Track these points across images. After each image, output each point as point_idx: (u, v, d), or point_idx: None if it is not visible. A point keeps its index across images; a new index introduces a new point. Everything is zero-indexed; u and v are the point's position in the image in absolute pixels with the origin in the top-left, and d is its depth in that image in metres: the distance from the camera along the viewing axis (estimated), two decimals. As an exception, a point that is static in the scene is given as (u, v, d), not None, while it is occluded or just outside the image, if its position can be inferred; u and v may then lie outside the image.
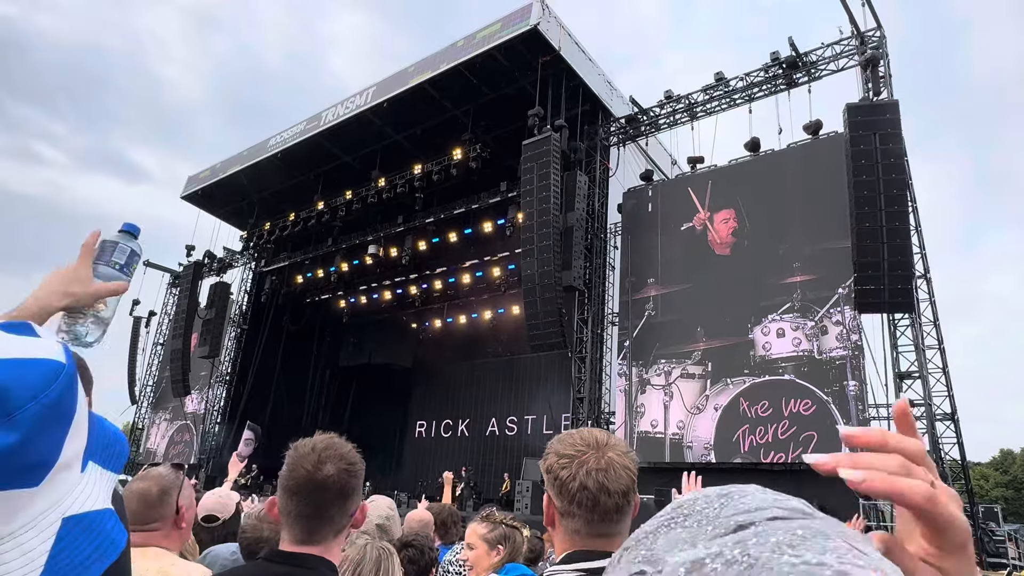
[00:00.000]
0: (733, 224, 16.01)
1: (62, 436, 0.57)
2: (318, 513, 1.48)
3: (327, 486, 1.48)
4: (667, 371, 15.80)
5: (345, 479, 1.51)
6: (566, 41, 17.10)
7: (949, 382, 13.46)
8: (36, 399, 0.54)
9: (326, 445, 1.55)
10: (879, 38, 14.86)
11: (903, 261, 12.29)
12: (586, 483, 1.28)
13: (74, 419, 0.59)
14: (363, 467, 1.59)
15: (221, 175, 24.92)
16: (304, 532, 1.48)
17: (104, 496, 0.61)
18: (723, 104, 17.20)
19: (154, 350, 28.79)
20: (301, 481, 1.48)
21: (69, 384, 0.58)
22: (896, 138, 12.66)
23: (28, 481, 0.54)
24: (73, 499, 0.58)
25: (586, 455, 1.32)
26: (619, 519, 1.30)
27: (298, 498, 1.48)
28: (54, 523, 0.55)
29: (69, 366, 0.59)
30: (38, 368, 0.56)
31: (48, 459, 0.55)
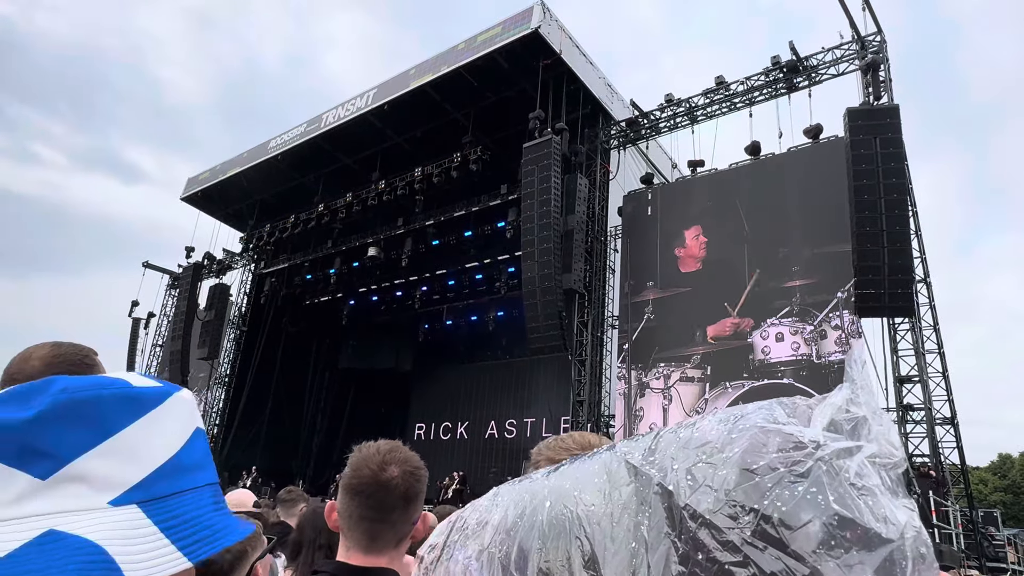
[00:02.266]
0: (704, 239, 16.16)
1: (85, 442, 0.54)
2: (380, 516, 1.44)
3: (391, 487, 1.44)
4: (666, 374, 15.81)
5: (410, 482, 1.47)
6: (567, 44, 17.12)
7: (949, 386, 13.46)
8: (67, 391, 0.54)
9: (390, 448, 1.52)
10: (879, 42, 14.89)
11: (903, 265, 12.30)
12: None
13: (116, 438, 0.56)
14: (427, 474, 1.55)
15: (221, 177, 24.93)
16: (367, 538, 1.43)
17: (124, 545, 0.52)
18: (724, 108, 17.23)
19: (153, 352, 28.76)
20: (365, 481, 1.44)
21: (118, 402, 0.57)
22: (896, 142, 12.68)
23: (34, 468, 0.52)
24: (75, 519, 0.52)
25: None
26: None
27: (360, 499, 1.44)
28: (37, 529, 0.50)
29: (137, 391, 0.58)
30: (103, 382, 0.57)
31: (57, 453, 0.53)
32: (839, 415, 0.56)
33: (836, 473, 0.50)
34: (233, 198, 25.88)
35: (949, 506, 12.41)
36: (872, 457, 0.53)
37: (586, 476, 0.62)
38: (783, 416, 0.58)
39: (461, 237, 21.30)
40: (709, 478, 0.53)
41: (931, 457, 12.90)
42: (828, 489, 0.50)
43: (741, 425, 0.57)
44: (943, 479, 12.76)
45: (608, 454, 0.65)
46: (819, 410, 0.57)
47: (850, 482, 0.50)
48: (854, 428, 0.55)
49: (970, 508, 13.70)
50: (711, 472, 0.53)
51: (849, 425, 0.56)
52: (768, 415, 0.59)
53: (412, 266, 22.49)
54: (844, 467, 0.51)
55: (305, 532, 2.75)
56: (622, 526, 0.56)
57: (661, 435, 0.61)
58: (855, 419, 0.56)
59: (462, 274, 23.20)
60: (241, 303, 26.36)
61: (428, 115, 19.77)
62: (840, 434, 0.54)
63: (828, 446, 0.53)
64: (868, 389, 0.61)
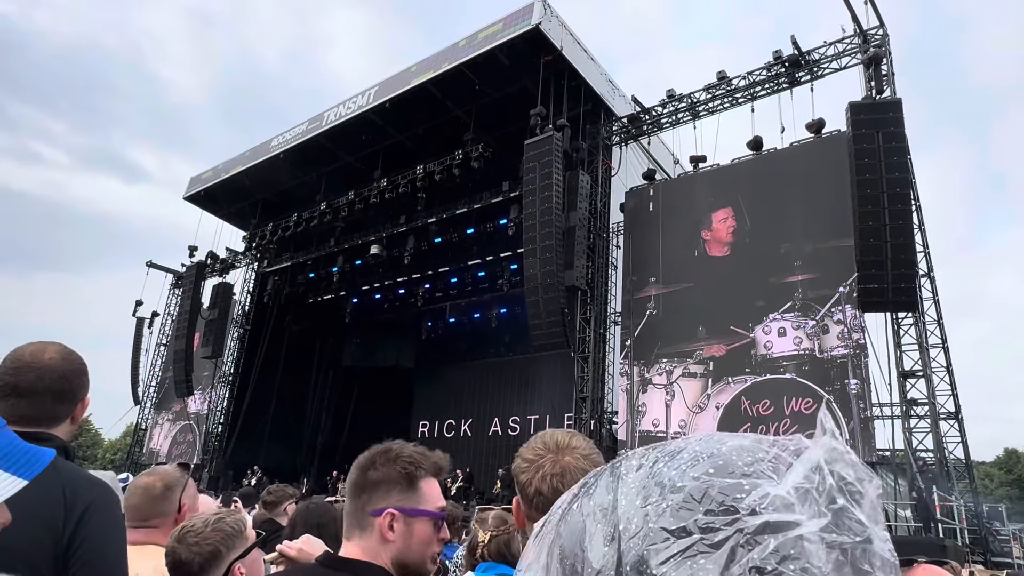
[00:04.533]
0: (732, 223, 16.00)
1: None
2: None
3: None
4: (668, 370, 15.79)
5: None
6: (568, 40, 17.09)
7: (953, 381, 13.42)
8: None
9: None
10: (882, 36, 14.84)
11: (906, 259, 12.26)
12: (541, 488, 1.29)
13: None
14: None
15: (224, 176, 24.96)
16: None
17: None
18: (725, 103, 17.18)
19: (157, 351, 28.84)
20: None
21: None
22: (899, 136, 12.63)
23: None
24: None
25: (543, 459, 1.33)
26: None
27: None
28: None
29: None
30: None
31: None
32: (815, 473, 0.51)
33: (749, 550, 0.45)
34: (236, 197, 25.90)
35: (953, 501, 12.38)
36: (826, 532, 0.46)
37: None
38: (754, 457, 0.53)
39: (463, 234, 21.29)
40: (640, 530, 0.50)
41: (935, 452, 12.86)
42: (724, 569, 0.44)
43: (700, 467, 0.52)
44: (947, 474, 12.73)
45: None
46: (800, 461, 0.52)
47: (754, 565, 0.44)
48: (825, 494, 0.49)
49: (975, 503, 13.67)
50: (643, 524, 0.50)
51: (819, 489, 0.49)
52: (737, 455, 0.53)
53: (415, 264, 22.50)
54: (764, 545, 0.45)
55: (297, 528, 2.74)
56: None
57: (645, 462, 0.56)
58: (825, 485, 0.50)
59: (465, 271, 23.20)
60: (244, 302, 26.40)
61: (429, 112, 19.75)
62: (805, 501, 0.48)
63: (762, 515, 0.47)
64: (846, 450, 0.55)
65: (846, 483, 0.50)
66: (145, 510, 1.92)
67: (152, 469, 2.06)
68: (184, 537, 1.71)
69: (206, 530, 1.72)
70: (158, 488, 1.97)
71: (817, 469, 0.50)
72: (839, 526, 0.47)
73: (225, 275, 27.34)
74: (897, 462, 13.77)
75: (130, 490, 1.97)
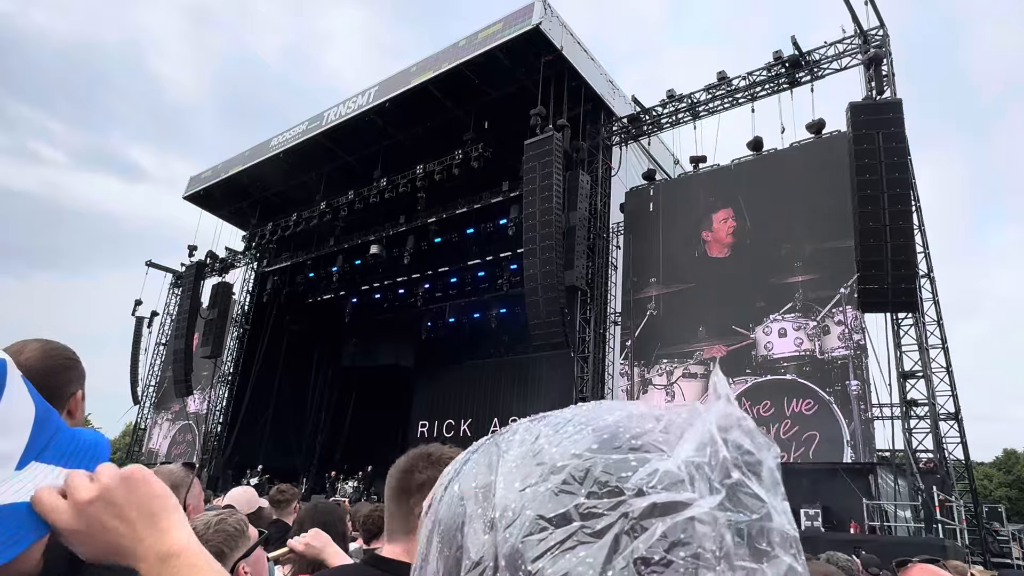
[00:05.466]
0: (732, 224, 15.99)
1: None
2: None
3: None
4: (669, 371, 15.78)
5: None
6: (568, 40, 17.08)
7: (953, 381, 13.42)
8: None
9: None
10: (882, 36, 14.83)
11: (906, 260, 12.26)
12: None
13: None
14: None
15: (223, 175, 24.94)
16: None
17: (35, 490, 0.68)
18: (726, 103, 17.17)
19: (156, 350, 28.81)
20: None
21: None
22: (899, 137, 12.63)
23: None
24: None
25: None
26: None
27: None
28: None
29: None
30: None
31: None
32: (708, 444, 0.45)
33: (634, 538, 0.40)
34: (235, 196, 25.88)
35: (953, 502, 12.37)
36: (721, 511, 0.42)
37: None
38: (642, 428, 0.47)
39: (463, 234, 21.28)
40: (516, 517, 0.44)
41: (935, 453, 12.86)
42: (607, 562, 0.40)
43: (584, 442, 0.47)
44: (947, 475, 12.72)
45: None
46: (691, 431, 0.46)
47: (640, 555, 0.39)
48: (719, 467, 0.44)
49: (975, 504, 13.67)
50: (520, 510, 0.44)
51: (712, 463, 0.44)
52: (625, 426, 0.48)
53: (414, 264, 22.48)
54: (651, 531, 0.40)
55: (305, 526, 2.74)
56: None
57: (528, 436, 0.51)
58: (719, 457, 0.44)
59: (464, 271, 23.19)
60: (244, 301, 26.38)
61: (429, 112, 19.74)
62: (697, 476, 0.43)
63: (649, 496, 0.42)
64: (741, 416, 0.50)
65: (742, 453, 0.46)
66: None
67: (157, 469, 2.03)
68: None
69: (208, 532, 1.72)
70: None
71: (710, 439, 0.45)
72: (735, 503, 0.43)
73: (224, 275, 27.32)
74: (897, 463, 13.77)
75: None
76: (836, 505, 12.93)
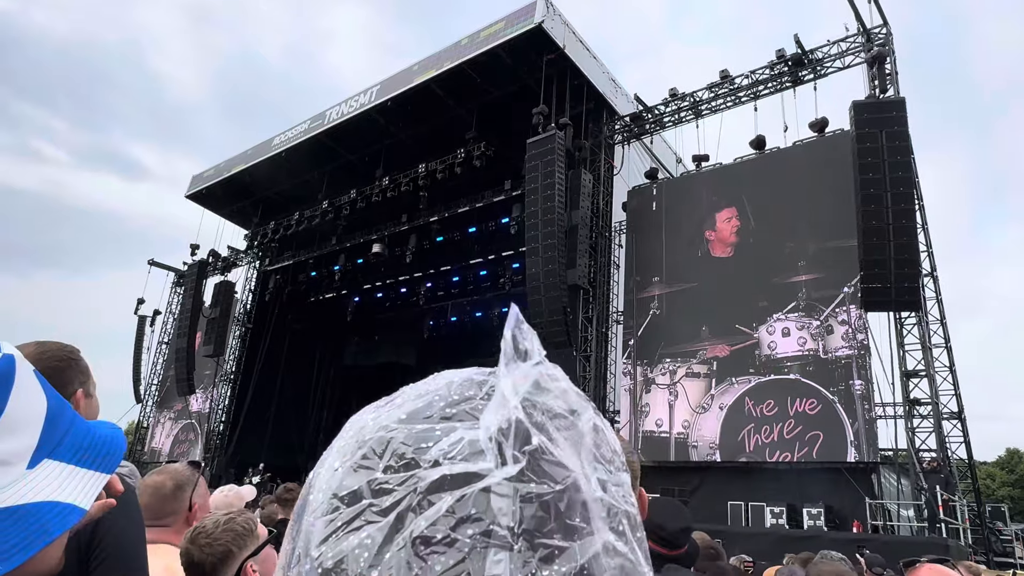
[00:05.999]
0: (736, 223, 15.96)
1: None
2: None
3: None
4: (672, 370, 15.76)
5: None
6: (570, 39, 17.05)
7: (956, 381, 13.39)
8: None
9: None
10: (885, 35, 14.79)
11: (910, 259, 12.22)
12: None
13: (2, 419, 0.65)
14: None
15: (225, 174, 24.95)
16: None
17: (58, 490, 0.67)
18: (728, 102, 17.14)
19: (159, 349, 28.85)
20: None
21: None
22: (903, 136, 12.60)
23: None
24: (10, 493, 0.64)
25: None
26: None
27: None
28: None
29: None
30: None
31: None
32: (512, 406, 0.40)
33: (419, 514, 0.37)
34: (237, 195, 25.89)
35: (957, 501, 12.35)
36: (520, 482, 0.37)
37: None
38: (462, 395, 0.43)
39: (465, 233, 21.26)
40: (321, 498, 0.41)
41: (938, 452, 12.83)
42: (386, 543, 0.36)
43: (396, 412, 0.43)
44: (950, 474, 12.69)
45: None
46: (497, 394, 0.42)
47: (420, 534, 0.36)
48: (521, 434, 0.39)
49: (977, 503, 13.65)
50: (326, 490, 0.41)
51: (515, 429, 0.39)
52: (445, 394, 0.44)
53: (416, 263, 22.48)
54: (437, 506, 0.37)
55: None
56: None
57: (367, 411, 0.47)
58: (521, 423, 0.39)
59: (466, 270, 23.19)
60: (246, 300, 26.39)
61: (431, 111, 19.72)
62: (498, 444, 0.39)
63: (442, 467, 0.38)
64: (552, 375, 0.45)
65: (551, 416, 0.41)
66: (156, 509, 1.91)
67: (162, 468, 2.04)
68: (196, 539, 1.72)
69: (217, 531, 1.73)
70: (168, 487, 1.96)
71: (513, 402, 0.40)
72: (536, 472, 0.38)
73: (227, 273, 27.34)
74: (900, 462, 13.74)
75: (140, 489, 1.96)
76: (839, 504, 12.91)
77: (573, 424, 0.42)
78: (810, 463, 13.31)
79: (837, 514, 12.77)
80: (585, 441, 0.42)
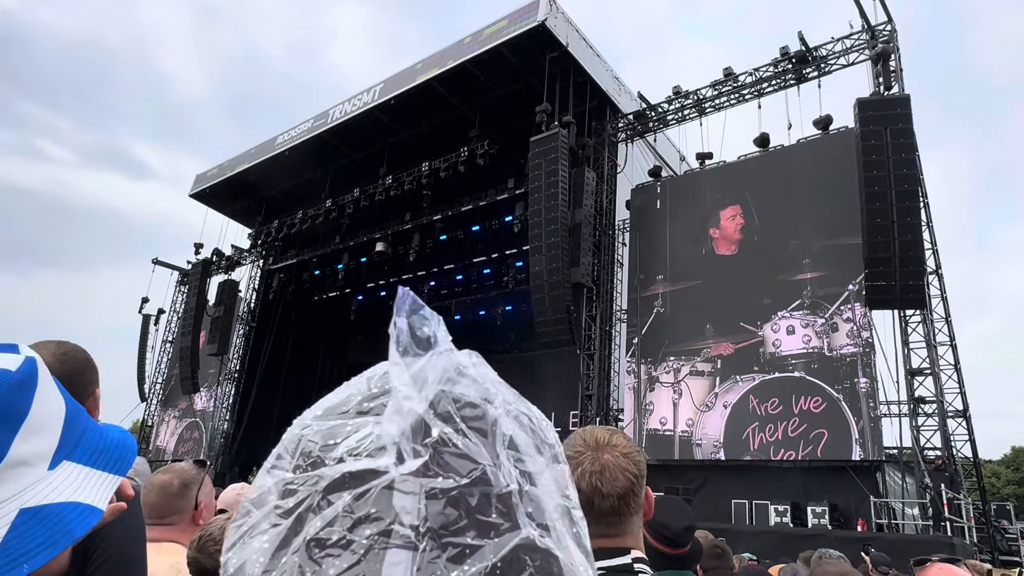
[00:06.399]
0: (740, 221, 15.92)
1: (7, 436, 0.64)
2: None
3: None
4: (676, 368, 15.74)
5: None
6: (573, 37, 17.02)
7: (961, 379, 13.36)
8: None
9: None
10: (890, 32, 14.73)
11: (914, 257, 12.19)
12: (580, 485, 1.25)
13: (26, 422, 0.66)
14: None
15: (229, 173, 24.99)
16: None
17: (78, 491, 0.68)
18: (732, 99, 17.10)
19: (163, 348, 28.92)
20: None
21: (14, 391, 0.65)
22: (907, 133, 12.55)
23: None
24: (34, 493, 0.64)
25: (583, 456, 1.29)
26: (617, 521, 1.26)
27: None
28: (11, 513, 0.62)
29: (18, 376, 0.66)
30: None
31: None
32: (417, 397, 0.38)
33: (316, 514, 0.35)
34: (241, 194, 25.93)
35: (962, 499, 12.32)
36: (424, 477, 0.35)
37: None
38: (382, 387, 0.41)
39: (469, 232, 21.25)
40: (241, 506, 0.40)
41: (943, 450, 12.79)
42: (283, 546, 0.35)
43: (316, 408, 0.41)
44: (955, 472, 12.65)
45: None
46: (396, 391, 0.39)
47: (313, 536, 0.34)
48: (424, 426, 0.37)
49: (983, 501, 13.61)
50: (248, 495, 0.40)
51: (418, 418, 0.37)
52: (364, 387, 0.41)
53: (420, 261, 22.49)
54: (335, 506, 0.35)
55: None
56: None
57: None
58: (428, 413, 0.37)
59: (470, 269, 23.17)
60: (250, 299, 26.43)
61: (434, 110, 19.71)
62: (404, 438, 0.37)
63: (345, 464, 0.36)
64: (470, 362, 0.42)
65: (461, 406, 0.39)
66: (162, 508, 1.92)
67: (169, 466, 2.04)
68: (204, 546, 1.73)
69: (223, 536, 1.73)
70: (175, 486, 1.96)
71: (420, 393, 0.38)
72: (441, 466, 0.36)
73: (231, 272, 27.37)
74: (905, 460, 13.71)
75: (147, 488, 1.96)
76: (843, 503, 12.88)
77: (484, 414, 0.39)
78: (814, 461, 13.28)
79: (842, 512, 12.74)
80: (499, 431, 0.39)
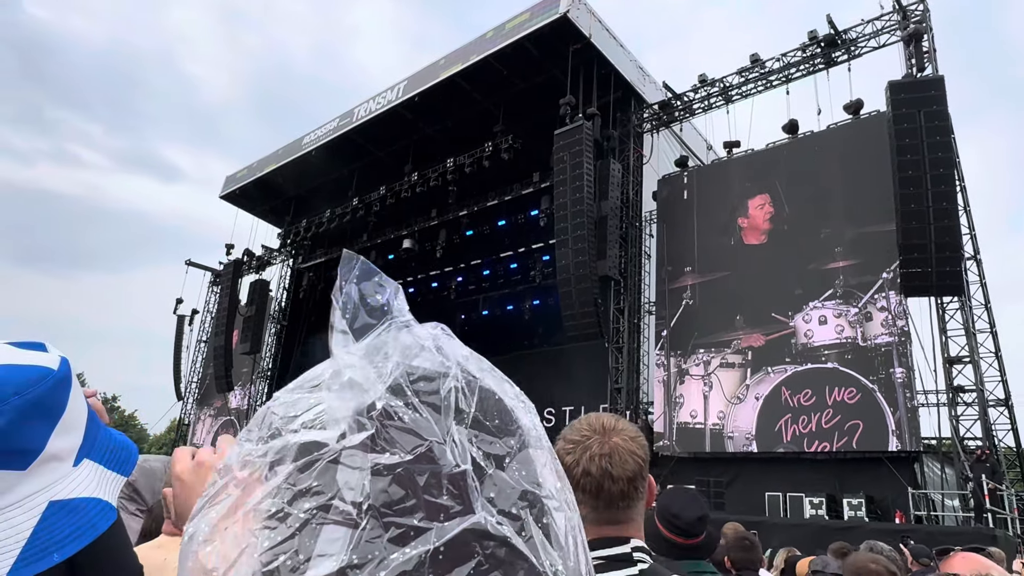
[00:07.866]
0: (769, 210, 15.67)
1: (47, 430, 0.67)
2: None
3: None
4: (706, 361, 15.58)
5: None
6: (596, 28, 16.89)
7: (1002, 366, 13.00)
8: (19, 394, 0.64)
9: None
10: (922, 11, 14.35)
11: (951, 243, 11.89)
12: (589, 469, 1.25)
13: (62, 419, 0.69)
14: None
15: (258, 174, 25.35)
16: None
17: (97, 488, 0.71)
18: (759, 86, 16.83)
19: (198, 347, 29.49)
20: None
21: (56, 388, 0.68)
22: (942, 115, 12.23)
23: (15, 464, 0.64)
24: (62, 486, 0.67)
25: (591, 440, 1.29)
26: (626, 505, 1.26)
27: None
28: (41, 504, 0.65)
29: (59, 374, 0.69)
30: (26, 371, 0.66)
31: (33, 447, 0.65)
32: (371, 369, 0.37)
33: (261, 485, 0.35)
34: (270, 194, 26.29)
35: (1004, 491, 12.01)
36: (371, 452, 0.34)
37: None
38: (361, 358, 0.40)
39: (495, 227, 21.27)
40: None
41: (984, 440, 12.48)
42: (228, 516, 0.34)
43: (293, 383, 0.41)
44: (997, 462, 12.34)
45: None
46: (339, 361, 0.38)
47: (252, 507, 0.33)
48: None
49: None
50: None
51: (366, 390, 0.36)
52: (337, 365, 0.41)
53: (447, 257, 22.56)
54: (276, 478, 0.34)
55: None
56: None
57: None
58: (379, 386, 0.36)
59: (497, 264, 23.18)
60: (280, 298, 26.81)
61: (459, 105, 19.73)
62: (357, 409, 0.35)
63: (297, 436, 0.35)
64: (430, 334, 0.40)
65: (413, 379, 0.37)
66: None
67: None
68: None
69: None
70: None
71: (373, 366, 0.37)
72: (387, 441, 0.34)
73: (261, 272, 27.80)
74: (944, 451, 13.41)
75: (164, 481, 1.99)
76: (880, 494, 12.65)
77: (436, 389, 0.38)
78: (850, 453, 13.05)
79: (879, 504, 12.50)
80: (456, 407, 0.37)
